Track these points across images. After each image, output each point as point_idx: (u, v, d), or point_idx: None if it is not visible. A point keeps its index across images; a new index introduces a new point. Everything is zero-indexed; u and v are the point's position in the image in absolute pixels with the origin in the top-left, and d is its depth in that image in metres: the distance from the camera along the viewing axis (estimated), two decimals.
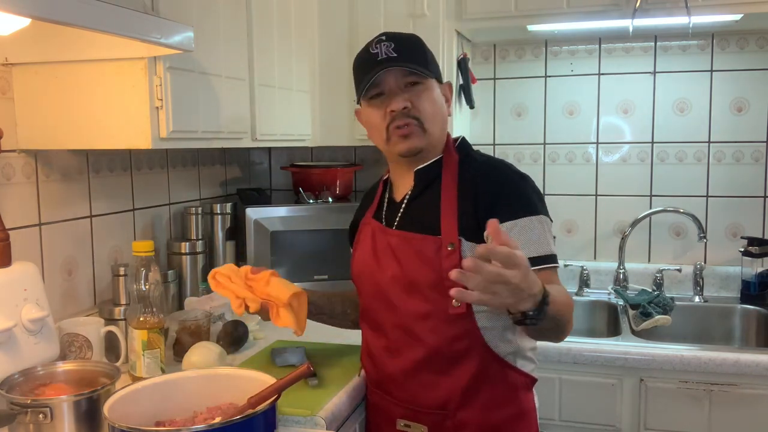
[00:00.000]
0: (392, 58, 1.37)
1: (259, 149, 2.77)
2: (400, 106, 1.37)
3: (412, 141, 1.40)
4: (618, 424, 2.00)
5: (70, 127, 1.51)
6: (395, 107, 1.37)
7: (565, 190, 2.66)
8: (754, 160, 2.47)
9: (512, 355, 1.40)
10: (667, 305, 2.26)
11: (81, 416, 1.24)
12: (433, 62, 1.45)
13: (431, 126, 1.40)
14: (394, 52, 1.37)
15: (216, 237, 2.22)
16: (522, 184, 1.39)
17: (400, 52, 1.37)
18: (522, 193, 1.37)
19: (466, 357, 1.37)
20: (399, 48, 1.38)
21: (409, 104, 1.38)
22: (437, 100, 1.42)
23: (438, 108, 1.43)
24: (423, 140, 1.40)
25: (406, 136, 1.39)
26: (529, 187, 1.39)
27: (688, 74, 2.50)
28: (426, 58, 1.42)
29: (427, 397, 1.40)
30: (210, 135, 1.70)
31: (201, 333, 1.72)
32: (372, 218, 1.52)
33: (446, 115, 1.46)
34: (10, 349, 1.36)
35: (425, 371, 1.40)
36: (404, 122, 1.38)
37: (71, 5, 1.06)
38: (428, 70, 1.40)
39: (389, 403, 1.47)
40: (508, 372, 1.39)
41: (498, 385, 1.39)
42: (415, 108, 1.38)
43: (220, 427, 1.05)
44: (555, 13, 2.21)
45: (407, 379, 1.43)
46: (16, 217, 1.56)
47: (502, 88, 2.69)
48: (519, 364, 1.41)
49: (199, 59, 1.59)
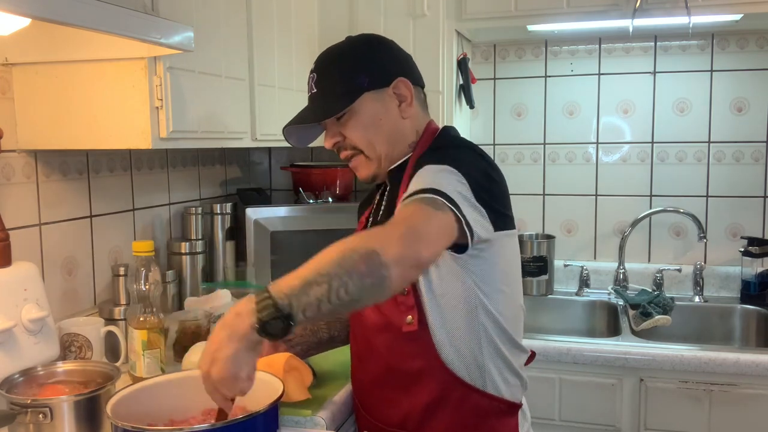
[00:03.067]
0: (312, 96, 1.36)
1: (259, 149, 2.77)
2: (330, 143, 1.36)
3: (362, 172, 1.38)
4: (618, 424, 2.00)
5: (70, 127, 1.51)
6: (327, 146, 1.37)
7: (565, 190, 2.66)
8: (754, 160, 2.47)
9: (480, 379, 1.27)
10: (667, 305, 2.26)
11: (81, 416, 1.24)
12: (356, 77, 1.32)
13: (371, 150, 1.34)
14: (315, 86, 1.35)
15: (216, 237, 2.22)
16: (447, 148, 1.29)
17: (318, 85, 1.34)
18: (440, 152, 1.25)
19: (423, 376, 1.27)
20: (318, 80, 1.35)
21: (340, 138, 1.35)
22: (372, 119, 1.32)
23: (374, 127, 1.33)
24: (371, 167, 1.36)
25: (354, 167, 1.38)
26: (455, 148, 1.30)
27: (688, 74, 2.50)
28: (343, 84, 1.32)
29: (388, 414, 1.34)
30: (210, 135, 1.70)
31: (201, 333, 1.72)
32: (366, 219, 1.49)
33: (395, 124, 1.34)
34: (10, 349, 1.36)
35: (385, 386, 1.33)
36: (344, 155, 1.37)
37: (71, 5, 1.05)
38: (346, 97, 1.30)
39: (360, 412, 1.43)
40: (476, 397, 1.26)
41: (463, 411, 1.27)
42: (348, 139, 1.34)
43: (220, 427, 1.05)
44: (555, 13, 2.21)
45: (372, 391, 1.38)
46: (16, 217, 1.56)
47: (502, 88, 2.69)
48: (490, 389, 1.27)
49: (199, 59, 1.59)
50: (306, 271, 0.96)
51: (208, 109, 1.67)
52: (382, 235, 0.99)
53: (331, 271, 0.94)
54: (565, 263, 2.61)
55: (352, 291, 0.94)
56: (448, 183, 1.11)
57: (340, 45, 1.39)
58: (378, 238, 0.98)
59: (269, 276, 2.17)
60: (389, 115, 1.34)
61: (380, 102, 1.33)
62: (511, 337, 1.30)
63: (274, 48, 2.00)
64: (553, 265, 2.59)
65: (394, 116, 1.34)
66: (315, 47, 2.25)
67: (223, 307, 1.87)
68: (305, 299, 0.93)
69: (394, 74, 1.34)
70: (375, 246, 0.96)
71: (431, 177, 1.13)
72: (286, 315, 0.92)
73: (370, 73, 1.33)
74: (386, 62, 1.36)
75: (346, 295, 0.94)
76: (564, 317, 2.52)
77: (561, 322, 2.51)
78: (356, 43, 1.38)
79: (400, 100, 1.34)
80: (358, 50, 1.36)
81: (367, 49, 1.37)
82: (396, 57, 1.38)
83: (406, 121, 1.35)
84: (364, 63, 1.34)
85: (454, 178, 1.14)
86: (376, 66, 1.34)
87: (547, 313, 2.51)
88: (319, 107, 1.34)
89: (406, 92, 1.35)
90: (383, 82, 1.33)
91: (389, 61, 1.36)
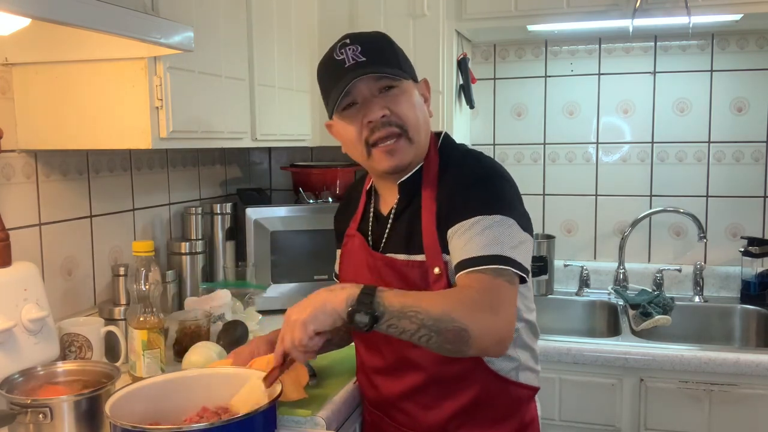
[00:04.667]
0: (361, 63, 1.23)
1: (259, 149, 2.77)
2: (378, 115, 1.24)
3: (398, 157, 1.27)
4: (618, 424, 2.00)
5: (70, 127, 1.51)
6: (373, 117, 1.24)
7: (565, 190, 2.66)
8: (754, 160, 2.47)
9: (514, 370, 1.33)
10: (667, 305, 2.26)
11: (81, 416, 1.24)
12: (405, 61, 1.32)
13: (416, 134, 1.28)
14: (361, 55, 1.23)
15: (216, 237, 2.22)
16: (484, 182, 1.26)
17: (368, 55, 1.24)
18: (482, 191, 1.23)
19: (466, 379, 1.30)
20: (366, 51, 1.24)
21: (388, 111, 1.24)
22: (417, 103, 1.29)
23: (420, 112, 1.30)
24: (410, 153, 1.28)
25: (391, 151, 1.26)
26: (492, 184, 1.25)
27: (688, 74, 2.50)
28: (398, 59, 1.29)
29: (427, 418, 1.33)
30: (210, 135, 1.70)
31: (201, 333, 1.72)
32: (357, 231, 1.42)
33: (428, 117, 1.33)
34: (10, 349, 1.36)
35: (425, 394, 1.33)
36: (386, 133, 1.25)
37: (71, 5, 1.06)
38: (403, 71, 1.28)
39: (388, 425, 1.42)
40: (511, 388, 1.33)
41: (500, 402, 1.32)
42: (395, 115, 1.25)
43: (220, 426, 1.05)
44: (555, 13, 2.21)
45: (406, 402, 1.36)
46: (16, 217, 1.56)
47: (502, 88, 2.69)
48: (522, 378, 1.35)
49: (199, 59, 1.59)
50: (411, 300, 1.10)
51: (208, 109, 1.67)
52: (479, 316, 1.10)
53: (426, 320, 1.08)
54: (565, 263, 2.61)
55: (432, 344, 1.10)
56: (509, 240, 1.17)
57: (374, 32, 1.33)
58: (475, 319, 1.09)
59: (269, 276, 2.17)
60: (425, 109, 1.33)
61: (417, 94, 1.32)
62: (534, 326, 1.38)
63: (274, 48, 2.00)
64: (553, 265, 2.59)
65: (425, 111, 1.33)
66: (315, 47, 2.25)
67: (223, 307, 1.87)
68: (394, 321, 1.09)
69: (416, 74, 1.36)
70: (469, 325, 1.08)
71: (490, 237, 1.17)
72: (373, 318, 1.08)
73: (409, 63, 1.34)
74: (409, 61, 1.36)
75: (425, 344, 1.10)
76: (564, 317, 2.53)
77: (561, 322, 2.51)
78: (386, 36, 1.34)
79: (425, 98, 1.35)
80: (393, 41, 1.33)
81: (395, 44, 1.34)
82: None
83: (429, 120, 1.35)
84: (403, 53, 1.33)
85: (507, 232, 1.18)
86: (408, 60, 1.34)
87: (547, 313, 2.50)
88: (381, 68, 1.25)
89: (427, 93, 1.36)
90: (415, 77, 1.34)
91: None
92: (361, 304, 1.08)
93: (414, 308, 1.08)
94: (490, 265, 1.15)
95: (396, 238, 1.33)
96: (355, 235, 1.42)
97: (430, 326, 1.08)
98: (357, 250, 1.40)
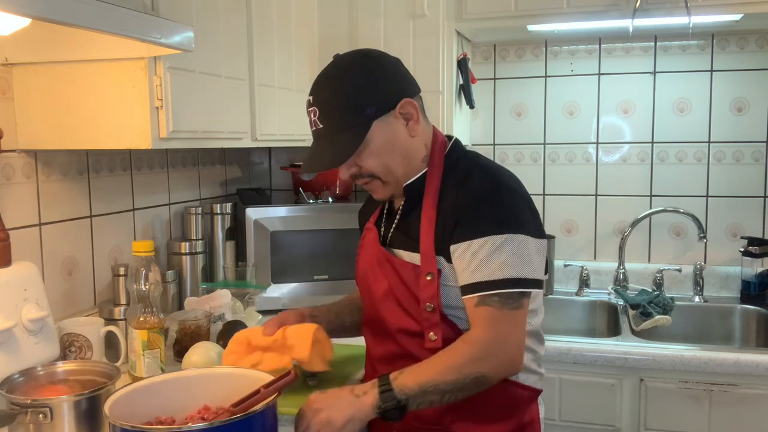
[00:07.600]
0: (318, 132, 1.30)
1: (259, 149, 2.77)
2: (346, 175, 1.34)
3: (380, 194, 1.37)
4: (618, 424, 2.00)
5: (70, 127, 1.51)
6: (343, 177, 1.35)
7: (565, 190, 2.66)
8: (754, 160, 2.47)
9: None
10: (667, 305, 2.26)
11: (81, 416, 1.24)
12: (368, 103, 1.28)
13: (389, 175, 1.33)
14: (319, 122, 1.30)
15: (216, 237, 2.22)
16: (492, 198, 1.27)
17: (324, 122, 1.29)
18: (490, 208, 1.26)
19: None
20: (322, 115, 1.29)
21: (356, 168, 1.32)
22: (384, 146, 1.30)
23: (388, 153, 1.31)
24: (388, 190, 1.36)
25: (372, 190, 1.38)
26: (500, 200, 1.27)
27: (688, 74, 2.50)
28: (353, 109, 1.28)
29: (423, 412, 1.33)
30: (210, 135, 1.70)
31: (201, 333, 1.72)
32: (374, 225, 1.47)
33: (406, 144, 1.33)
34: (10, 349, 1.36)
35: None
36: (361, 182, 1.36)
37: (71, 5, 1.06)
38: (363, 124, 1.27)
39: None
40: (510, 388, 1.33)
41: (497, 400, 1.33)
42: (364, 169, 1.32)
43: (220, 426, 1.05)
44: (555, 13, 2.21)
45: None
46: (16, 217, 1.56)
47: (502, 88, 2.69)
48: (522, 379, 1.35)
49: (199, 59, 1.59)
50: (425, 376, 1.21)
51: (208, 109, 1.67)
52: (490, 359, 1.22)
53: (446, 387, 1.21)
54: (565, 263, 2.61)
55: (460, 398, 1.23)
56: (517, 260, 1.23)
57: (335, 74, 1.32)
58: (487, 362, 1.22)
59: (269, 276, 2.17)
60: (399, 138, 1.32)
61: (389, 126, 1.30)
62: (539, 330, 1.40)
63: (274, 48, 2.00)
64: (553, 265, 2.59)
65: (404, 137, 1.32)
66: (315, 47, 2.25)
67: (223, 307, 1.87)
68: (420, 399, 1.21)
69: (397, 96, 1.31)
70: (483, 371, 1.21)
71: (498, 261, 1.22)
72: (401, 409, 1.20)
73: (374, 101, 1.29)
74: (387, 86, 1.31)
75: (456, 401, 1.24)
76: (564, 317, 2.52)
77: (561, 322, 2.51)
78: (351, 70, 1.30)
79: (406, 119, 1.32)
80: (357, 80, 1.29)
81: (365, 76, 1.30)
82: (393, 76, 1.33)
83: (415, 138, 1.34)
84: (367, 93, 1.29)
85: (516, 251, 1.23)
86: (379, 93, 1.30)
87: (548, 313, 2.45)
88: (332, 150, 1.30)
89: (411, 110, 1.32)
90: (389, 106, 1.30)
91: (389, 83, 1.31)
92: (386, 402, 1.19)
93: (431, 383, 1.20)
94: (496, 290, 1.22)
95: (401, 234, 1.38)
96: (372, 228, 1.47)
97: (452, 390, 1.21)
98: (370, 243, 1.45)
